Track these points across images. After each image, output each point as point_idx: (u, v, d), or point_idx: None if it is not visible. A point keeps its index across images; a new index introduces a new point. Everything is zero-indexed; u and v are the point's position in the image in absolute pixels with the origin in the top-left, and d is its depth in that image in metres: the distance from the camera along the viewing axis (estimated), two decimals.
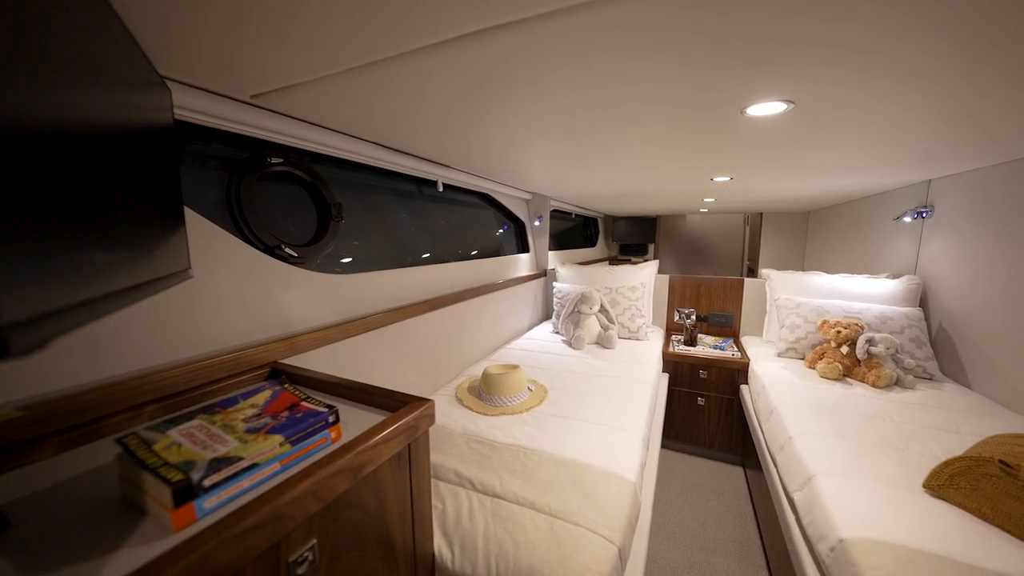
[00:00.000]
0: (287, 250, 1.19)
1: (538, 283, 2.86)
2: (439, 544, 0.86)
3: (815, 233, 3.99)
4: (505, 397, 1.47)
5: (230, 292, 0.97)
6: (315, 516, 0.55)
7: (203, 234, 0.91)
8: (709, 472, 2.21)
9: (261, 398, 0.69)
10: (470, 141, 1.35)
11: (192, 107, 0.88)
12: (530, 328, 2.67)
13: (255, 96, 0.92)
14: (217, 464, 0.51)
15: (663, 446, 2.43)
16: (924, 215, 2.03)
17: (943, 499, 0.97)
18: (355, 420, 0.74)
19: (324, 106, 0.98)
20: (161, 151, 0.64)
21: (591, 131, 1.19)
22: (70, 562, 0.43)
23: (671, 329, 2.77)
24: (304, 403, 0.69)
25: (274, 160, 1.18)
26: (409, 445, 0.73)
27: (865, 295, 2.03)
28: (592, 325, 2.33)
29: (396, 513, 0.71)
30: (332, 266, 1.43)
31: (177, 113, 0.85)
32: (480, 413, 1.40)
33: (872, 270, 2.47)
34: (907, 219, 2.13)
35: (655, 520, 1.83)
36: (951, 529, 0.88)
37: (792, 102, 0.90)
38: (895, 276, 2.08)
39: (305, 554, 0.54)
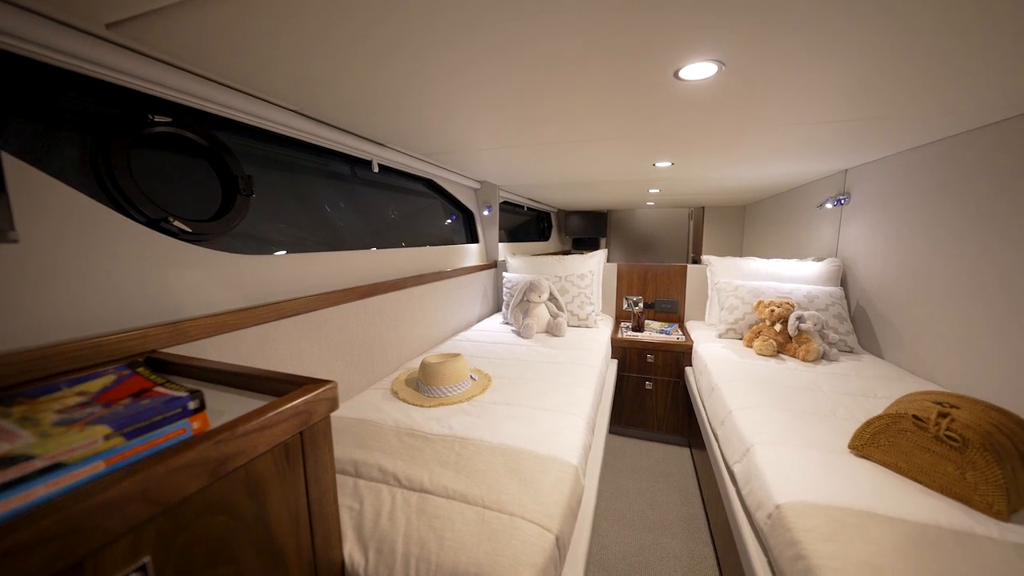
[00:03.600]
0: (177, 224, 1.01)
1: (488, 274, 2.77)
2: (350, 550, 0.74)
3: (751, 224, 4.25)
4: (444, 387, 1.37)
5: (91, 268, 0.80)
6: (147, 525, 0.42)
7: (50, 197, 0.74)
8: (658, 455, 2.23)
9: (96, 384, 0.55)
10: (401, 111, 1.23)
11: (25, 35, 0.70)
12: (480, 320, 2.58)
13: (112, 26, 0.75)
14: None
15: (614, 432, 2.44)
16: (842, 202, 2.19)
17: (866, 458, 1.01)
18: (235, 409, 0.61)
19: (200, 44, 0.82)
20: None
21: (524, 103, 1.13)
22: None
23: (620, 317, 2.80)
24: (159, 388, 0.55)
25: (158, 119, 1.00)
26: (302, 434, 0.61)
27: (795, 277, 2.15)
28: (541, 313, 2.28)
29: (285, 517, 0.59)
30: (258, 251, 1.26)
31: None
32: (416, 405, 1.29)
33: (800, 254, 2.64)
34: (828, 206, 2.29)
35: (605, 505, 1.80)
36: (874, 485, 0.91)
37: (723, 63, 0.89)
38: (820, 259, 2.23)
39: None
